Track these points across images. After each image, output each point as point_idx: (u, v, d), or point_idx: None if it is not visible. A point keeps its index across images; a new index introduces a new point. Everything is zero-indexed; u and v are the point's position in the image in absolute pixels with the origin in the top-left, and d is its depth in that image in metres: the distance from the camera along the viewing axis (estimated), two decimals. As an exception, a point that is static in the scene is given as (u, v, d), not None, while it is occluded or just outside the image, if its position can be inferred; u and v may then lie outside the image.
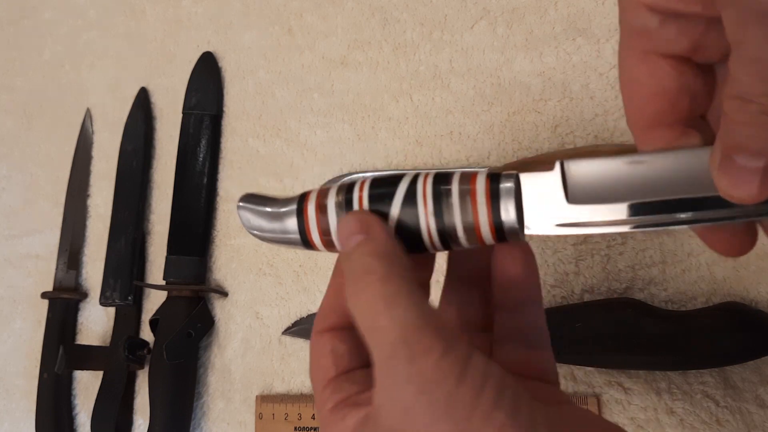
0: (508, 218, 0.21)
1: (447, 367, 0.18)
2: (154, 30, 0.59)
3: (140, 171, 0.56)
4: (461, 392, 0.18)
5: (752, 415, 0.35)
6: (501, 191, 0.21)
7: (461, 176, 0.22)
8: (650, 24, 0.20)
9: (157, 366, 0.49)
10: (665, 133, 0.21)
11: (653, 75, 0.21)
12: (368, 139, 0.48)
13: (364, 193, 0.22)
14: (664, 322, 0.35)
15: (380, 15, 0.49)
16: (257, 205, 0.24)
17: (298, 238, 0.23)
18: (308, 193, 0.24)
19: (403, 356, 0.18)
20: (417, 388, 0.18)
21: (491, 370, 0.18)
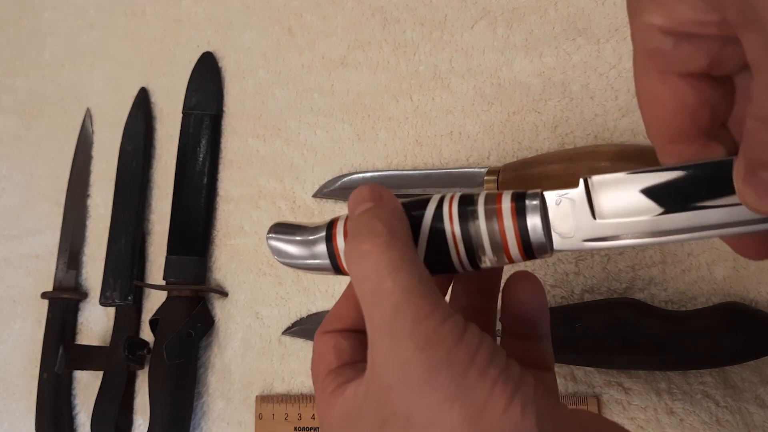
0: (536, 236, 0.21)
1: (447, 329, 0.19)
2: (154, 30, 0.59)
3: (140, 171, 0.56)
4: (459, 350, 0.19)
5: (752, 415, 0.35)
6: (527, 208, 0.21)
7: (487, 196, 0.22)
8: (665, 46, 0.20)
9: (157, 366, 0.49)
10: (688, 146, 0.21)
11: (673, 94, 0.21)
12: (368, 139, 0.48)
13: None
14: (664, 322, 0.34)
15: (380, 15, 0.49)
16: (286, 234, 0.24)
17: (328, 264, 0.24)
18: (336, 220, 0.24)
19: (407, 317, 0.19)
20: (417, 345, 0.19)
21: (485, 337, 0.20)
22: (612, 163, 0.36)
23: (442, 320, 0.19)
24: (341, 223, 0.24)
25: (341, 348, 0.23)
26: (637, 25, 0.21)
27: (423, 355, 0.19)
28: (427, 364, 0.19)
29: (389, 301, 0.20)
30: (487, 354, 0.19)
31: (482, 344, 0.19)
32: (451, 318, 0.20)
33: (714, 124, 0.21)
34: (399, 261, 0.20)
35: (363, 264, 0.21)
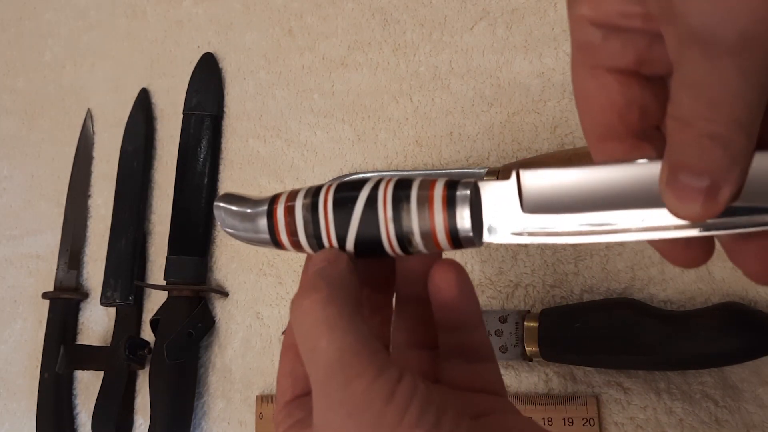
0: (463, 225, 0.21)
1: (377, 389, 0.19)
2: (155, 31, 0.59)
3: (141, 171, 0.56)
4: (387, 414, 0.19)
5: (751, 415, 0.35)
6: (457, 198, 0.21)
7: (421, 182, 0.22)
8: (594, 39, 0.20)
9: (157, 366, 0.49)
10: (617, 145, 0.21)
11: (601, 89, 0.21)
12: (368, 140, 0.48)
13: (330, 196, 0.23)
14: (663, 322, 0.35)
15: (380, 16, 0.49)
16: (232, 204, 0.25)
17: (268, 238, 0.24)
18: (278, 195, 0.24)
19: (338, 379, 0.19)
20: (347, 411, 0.19)
21: (417, 391, 0.19)
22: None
23: (373, 378, 0.19)
24: (282, 198, 0.24)
25: (296, 375, 0.23)
26: (572, 16, 0.21)
27: (351, 421, 0.19)
28: (355, 430, 0.19)
29: (323, 360, 0.19)
30: (416, 412, 0.19)
31: (413, 401, 0.19)
32: (384, 374, 0.19)
33: (644, 125, 0.21)
34: (336, 318, 0.20)
35: (302, 321, 0.20)
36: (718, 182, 0.17)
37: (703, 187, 0.17)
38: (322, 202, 0.23)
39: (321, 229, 0.23)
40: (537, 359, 0.38)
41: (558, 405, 0.38)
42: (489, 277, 0.42)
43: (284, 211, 0.24)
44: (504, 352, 0.38)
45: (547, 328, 0.37)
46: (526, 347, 0.38)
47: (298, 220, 0.23)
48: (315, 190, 0.24)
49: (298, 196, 0.24)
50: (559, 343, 0.37)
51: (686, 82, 0.17)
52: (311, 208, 0.23)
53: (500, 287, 0.41)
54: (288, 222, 0.24)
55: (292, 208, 0.24)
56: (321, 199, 0.23)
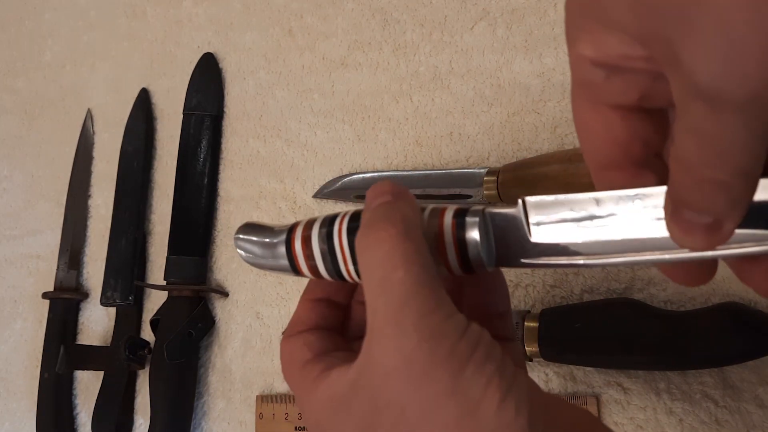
0: (473, 252, 0.22)
1: (452, 324, 0.20)
2: (155, 31, 0.59)
3: (141, 171, 0.56)
4: (460, 346, 0.19)
5: (751, 415, 0.35)
6: (467, 225, 0.22)
7: (431, 211, 0.23)
8: (596, 78, 0.20)
9: (157, 366, 0.49)
10: (619, 174, 0.21)
11: (604, 124, 0.21)
12: (368, 140, 0.48)
13: (344, 226, 0.23)
14: (663, 322, 0.35)
15: (380, 16, 0.49)
16: (251, 235, 0.25)
17: (287, 265, 0.25)
18: (296, 225, 0.25)
19: (414, 308, 0.19)
20: (422, 336, 0.19)
21: (484, 335, 0.20)
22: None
23: (447, 316, 0.20)
24: (300, 228, 0.24)
25: (311, 342, 0.24)
26: (572, 54, 0.21)
27: (426, 346, 0.19)
28: (429, 356, 0.19)
29: (399, 290, 0.20)
30: (484, 350, 0.20)
31: (481, 341, 0.20)
32: (455, 315, 0.20)
33: (646, 155, 0.21)
34: (413, 253, 0.20)
35: (376, 251, 0.21)
36: (721, 219, 0.17)
37: (705, 223, 0.17)
38: (336, 232, 0.23)
39: (338, 260, 0.23)
40: (537, 359, 0.38)
41: (558, 405, 0.38)
42: (489, 277, 0.42)
43: (302, 243, 0.24)
44: (504, 352, 0.38)
45: (547, 328, 0.37)
46: (526, 347, 0.38)
47: (315, 251, 0.24)
48: (330, 220, 0.24)
49: (315, 225, 0.24)
50: (559, 343, 0.37)
51: (690, 130, 0.17)
52: (327, 239, 0.24)
53: (500, 287, 0.41)
54: (306, 254, 0.24)
55: (308, 238, 0.24)
56: (336, 228, 0.23)
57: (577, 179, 0.37)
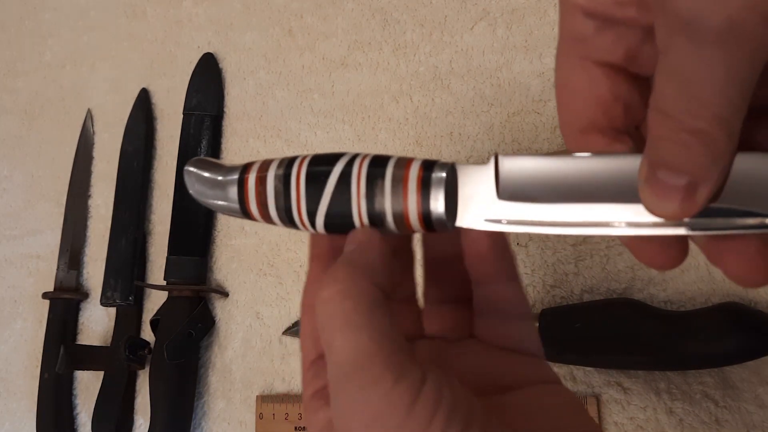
0: (437, 209, 0.21)
1: (397, 397, 0.17)
2: (155, 31, 0.59)
3: (141, 171, 0.56)
4: (410, 424, 0.17)
5: (752, 415, 0.35)
6: (433, 180, 0.21)
7: (397, 161, 0.21)
8: (586, 30, 0.20)
9: (157, 366, 0.49)
10: (597, 138, 0.20)
11: (588, 82, 0.20)
12: (368, 140, 0.48)
13: (303, 169, 0.22)
14: (663, 322, 0.35)
15: (380, 16, 0.49)
16: (203, 170, 0.24)
17: (237, 207, 0.24)
18: (251, 164, 0.24)
19: (354, 383, 0.18)
20: (363, 422, 0.17)
21: (443, 395, 0.18)
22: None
23: (392, 385, 0.17)
24: (255, 167, 0.23)
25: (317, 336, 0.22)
26: (564, 4, 0.20)
27: (374, 425, 0.17)
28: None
29: (339, 359, 0.18)
30: (442, 421, 0.17)
31: (438, 408, 0.17)
32: (403, 380, 0.18)
33: (627, 123, 0.21)
34: (352, 313, 0.18)
35: (319, 313, 0.19)
36: (697, 181, 0.16)
37: (681, 185, 0.16)
38: (294, 175, 0.22)
39: (292, 202, 0.22)
40: (537, 359, 0.38)
41: (558, 405, 0.38)
42: (489, 277, 0.42)
43: (255, 181, 0.23)
44: (504, 352, 0.38)
45: (547, 328, 0.37)
46: (526, 347, 0.38)
47: (269, 190, 0.23)
48: (288, 162, 0.23)
49: (271, 166, 0.23)
50: (559, 343, 0.37)
51: (670, 72, 0.16)
52: (283, 180, 0.22)
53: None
54: (258, 192, 0.23)
55: (264, 178, 0.23)
56: (294, 171, 0.22)
57: None
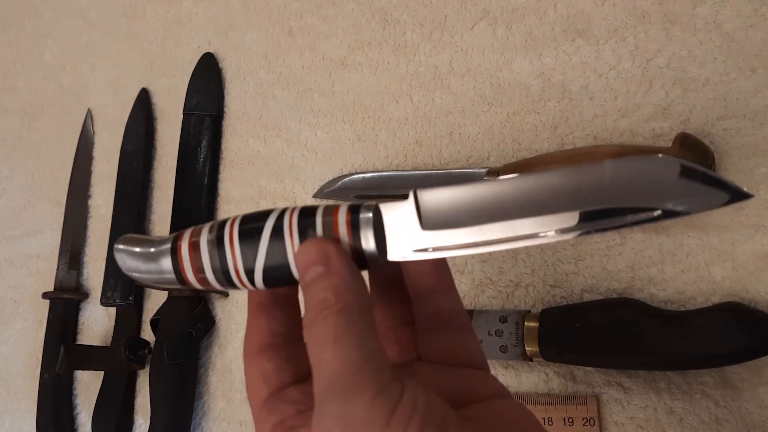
0: (368, 247, 0.22)
1: (377, 408, 0.19)
2: (155, 31, 0.59)
3: (141, 171, 0.56)
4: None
5: (752, 414, 0.35)
6: (361, 221, 0.22)
7: (324, 209, 0.23)
8: None
9: (157, 366, 0.49)
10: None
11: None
12: (368, 140, 0.48)
13: (235, 229, 0.23)
14: (663, 322, 0.35)
15: (380, 16, 0.49)
16: (133, 246, 0.24)
17: (173, 278, 0.24)
18: (182, 233, 0.24)
19: (337, 392, 0.19)
20: (345, 426, 0.19)
21: (418, 405, 0.19)
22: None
23: (373, 396, 0.19)
24: (186, 234, 0.24)
25: (267, 374, 0.23)
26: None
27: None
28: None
29: (326, 372, 0.20)
30: (416, 429, 0.19)
31: (413, 418, 0.19)
32: (384, 392, 0.19)
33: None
34: (344, 331, 0.20)
35: (311, 334, 0.21)
36: None
37: None
38: (228, 235, 0.23)
39: (228, 263, 0.23)
40: (537, 359, 0.38)
41: (558, 405, 0.38)
42: (489, 277, 0.42)
43: (189, 248, 0.23)
44: (504, 352, 0.38)
45: (548, 328, 0.37)
46: (527, 347, 0.38)
47: (203, 255, 0.23)
48: (219, 225, 0.23)
49: (203, 231, 0.24)
50: (559, 342, 0.37)
51: None
52: (216, 243, 0.23)
53: (500, 287, 0.41)
54: (193, 258, 0.23)
55: (196, 243, 0.23)
56: (227, 232, 0.23)
57: None
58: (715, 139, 0.37)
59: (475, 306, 0.42)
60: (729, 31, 0.38)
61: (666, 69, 0.39)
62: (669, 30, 0.39)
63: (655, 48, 0.40)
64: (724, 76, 0.38)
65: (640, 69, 0.40)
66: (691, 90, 0.38)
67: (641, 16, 0.40)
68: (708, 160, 0.35)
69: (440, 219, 0.22)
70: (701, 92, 0.38)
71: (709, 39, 0.38)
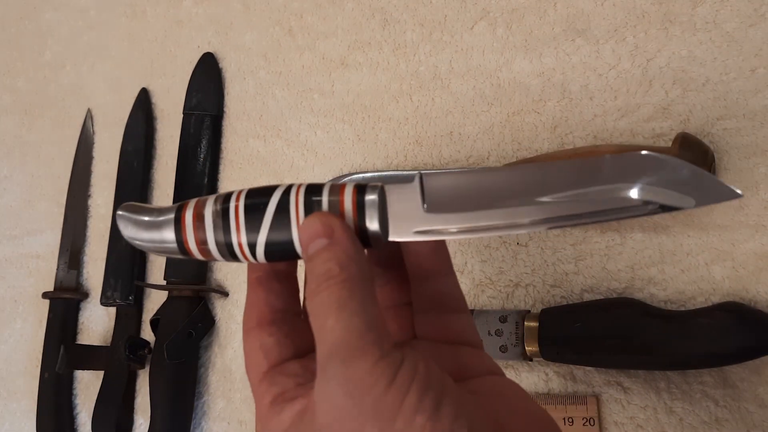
0: (372, 227, 0.23)
1: (379, 372, 0.19)
2: (155, 30, 0.59)
3: (141, 171, 0.56)
4: (388, 398, 0.19)
5: (752, 414, 0.35)
6: (366, 202, 0.23)
7: (331, 188, 0.23)
8: None
9: (157, 366, 0.49)
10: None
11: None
12: (368, 140, 0.48)
13: (240, 203, 0.23)
14: (663, 321, 0.35)
15: (380, 16, 0.49)
16: (135, 214, 0.24)
17: (175, 247, 0.24)
18: (186, 203, 0.24)
19: (340, 357, 0.19)
20: (347, 391, 0.19)
21: (417, 374, 0.20)
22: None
23: (376, 361, 0.19)
24: (191, 205, 0.24)
25: (268, 347, 0.24)
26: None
27: (351, 402, 0.19)
28: (355, 411, 0.19)
29: (329, 338, 0.20)
30: (415, 396, 0.19)
31: (413, 384, 0.19)
32: (386, 358, 0.19)
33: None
34: (347, 300, 0.20)
35: (314, 303, 0.21)
36: None
37: None
38: (233, 208, 0.23)
39: (232, 235, 0.23)
40: (537, 359, 0.38)
41: (558, 405, 0.38)
42: (489, 277, 0.42)
43: (193, 218, 0.24)
44: (504, 352, 0.38)
45: (548, 328, 0.37)
46: (526, 347, 0.38)
47: (207, 226, 0.23)
48: (225, 197, 0.24)
49: (208, 202, 0.24)
50: (559, 342, 0.37)
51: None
52: (222, 214, 0.23)
53: (500, 287, 0.41)
54: (197, 228, 0.23)
55: (201, 215, 0.24)
56: (232, 205, 0.23)
57: None
58: (715, 139, 0.37)
59: (475, 306, 0.42)
60: (729, 31, 0.38)
61: (666, 69, 0.39)
62: (669, 30, 0.39)
63: (655, 48, 0.40)
64: (724, 76, 0.38)
65: (640, 69, 0.40)
66: (691, 90, 0.38)
67: (641, 16, 0.40)
68: (708, 160, 0.35)
69: (444, 202, 0.22)
70: (701, 92, 0.38)
71: (709, 39, 0.38)
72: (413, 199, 0.23)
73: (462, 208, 0.22)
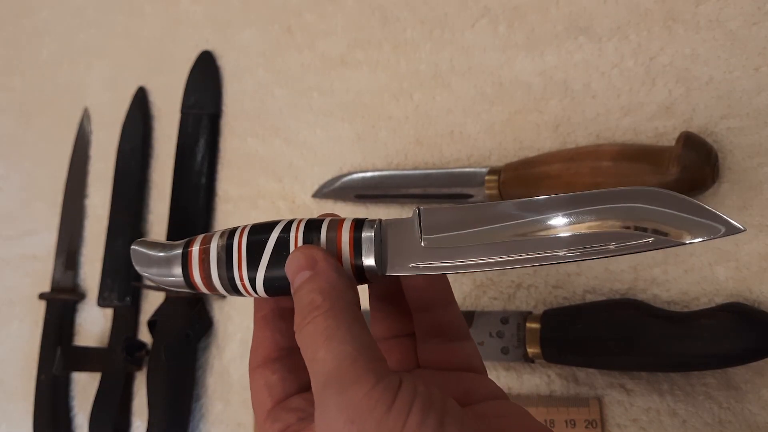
0: (368, 263, 0.23)
1: (377, 396, 0.19)
2: (153, 29, 0.59)
3: (138, 171, 0.55)
4: (389, 420, 0.19)
5: (755, 416, 0.34)
6: (363, 240, 0.23)
7: (329, 223, 0.24)
8: None
9: (155, 367, 0.48)
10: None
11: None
12: (368, 139, 0.47)
13: (243, 239, 0.24)
14: (666, 322, 0.34)
15: (380, 13, 0.49)
16: (147, 249, 0.26)
17: (182, 281, 0.25)
18: (194, 238, 0.25)
19: (336, 386, 0.19)
20: (348, 418, 0.19)
21: (417, 395, 0.20)
22: (614, 163, 0.36)
23: (372, 386, 0.19)
24: (197, 242, 0.25)
25: (271, 385, 0.24)
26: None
27: (354, 428, 0.19)
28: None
29: (322, 369, 0.20)
30: (418, 417, 0.19)
31: (414, 405, 0.19)
32: (383, 381, 0.19)
33: None
34: (334, 330, 0.21)
35: (303, 335, 0.21)
36: None
37: None
38: (236, 244, 0.24)
39: (234, 270, 0.24)
40: (539, 361, 0.38)
41: (560, 407, 0.37)
42: (491, 278, 0.42)
43: (199, 253, 0.25)
44: (505, 353, 0.38)
45: (550, 329, 0.37)
46: (528, 349, 0.37)
47: (212, 261, 0.24)
48: (230, 233, 0.25)
49: (214, 238, 0.25)
50: (561, 344, 0.37)
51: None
52: (226, 249, 0.24)
53: (502, 288, 0.41)
54: (202, 261, 0.24)
55: (206, 250, 0.24)
56: (235, 241, 0.24)
57: (579, 178, 0.37)
58: (718, 138, 0.37)
59: (477, 307, 0.41)
60: (732, 29, 0.38)
61: (669, 67, 0.39)
62: (672, 28, 0.39)
63: (658, 46, 0.39)
64: (728, 75, 0.37)
65: (642, 67, 0.39)
66: (694, 88, 0.38)
67: (644, 14, 0.40)
68: (711, 159, 0.35)
69: (442, 238, 0.23)
70: (704, 91, 0.38)
71: (713, 37, 0.38)
72: (411, 234, 0.23)
73: (460, 243, 0.22)
